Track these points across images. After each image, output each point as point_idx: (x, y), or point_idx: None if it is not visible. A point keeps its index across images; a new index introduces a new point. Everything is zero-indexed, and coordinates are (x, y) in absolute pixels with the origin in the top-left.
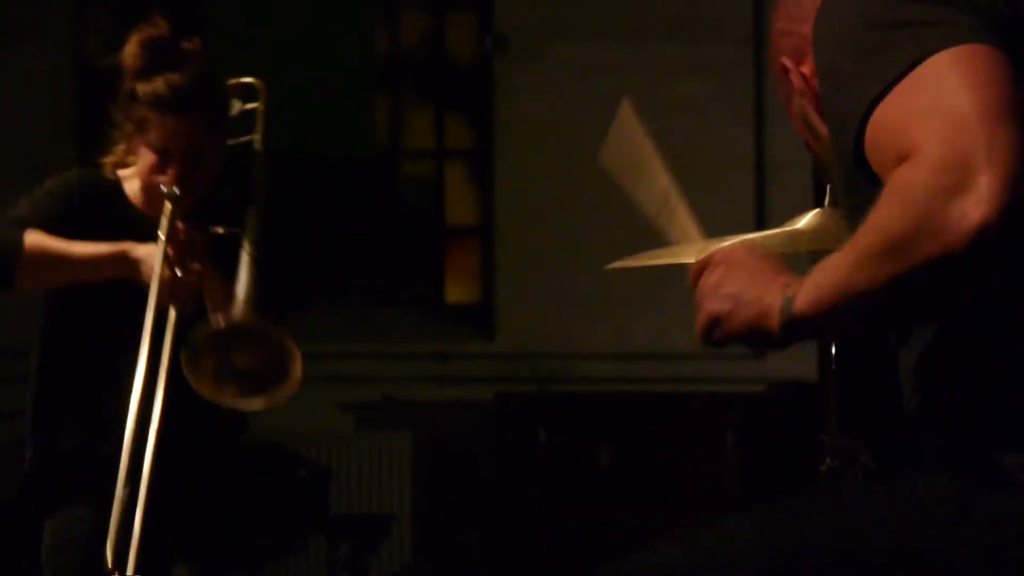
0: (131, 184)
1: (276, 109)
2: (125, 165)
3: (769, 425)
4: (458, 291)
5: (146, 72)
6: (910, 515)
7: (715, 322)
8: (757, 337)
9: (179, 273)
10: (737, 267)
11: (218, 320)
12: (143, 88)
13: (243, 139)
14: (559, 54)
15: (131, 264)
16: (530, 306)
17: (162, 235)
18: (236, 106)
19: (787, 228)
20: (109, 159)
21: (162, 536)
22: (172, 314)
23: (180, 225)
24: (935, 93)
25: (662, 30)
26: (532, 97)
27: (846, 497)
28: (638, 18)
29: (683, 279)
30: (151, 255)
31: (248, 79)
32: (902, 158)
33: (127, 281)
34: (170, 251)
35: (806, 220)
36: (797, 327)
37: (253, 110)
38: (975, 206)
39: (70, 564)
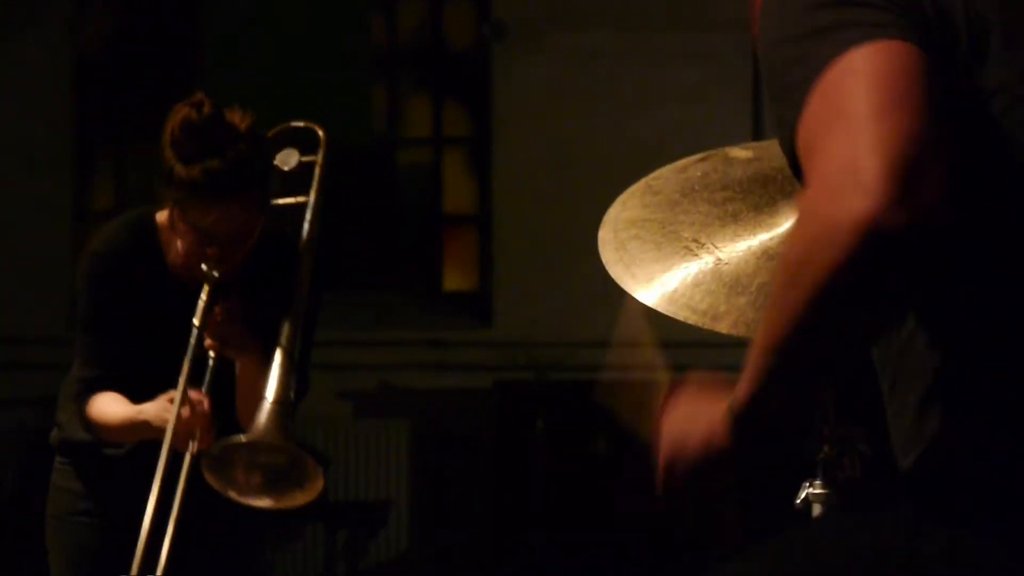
0: (172, 244)
1: (274, 95)
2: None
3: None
4: (456, 279)
5: (187, 157)
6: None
7: (670, 463)
8: (713, 457)
9: (210, 345)
10: (681, 410)
11: (239, 436)
12: (181, 172)
13: (296, 200)
14: (557, 41)
15: (147, 428)
16: (528, 294)
17: (197, 321)
18: (294, 159)
19: (763, 240)
20: (162, 216)
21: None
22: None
23: (217, 309)
24: (834, 98)
25: (660, 17)
26: (530, 85)
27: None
28: (636, 5)
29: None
30: (154, 411)
31: (305, 123)
32: (808, 182)
33: (176, 315)
34: (207, 337)
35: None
36: (746, 424)
37: (312, 163)
38: (860, 198)
39: (67, 536)
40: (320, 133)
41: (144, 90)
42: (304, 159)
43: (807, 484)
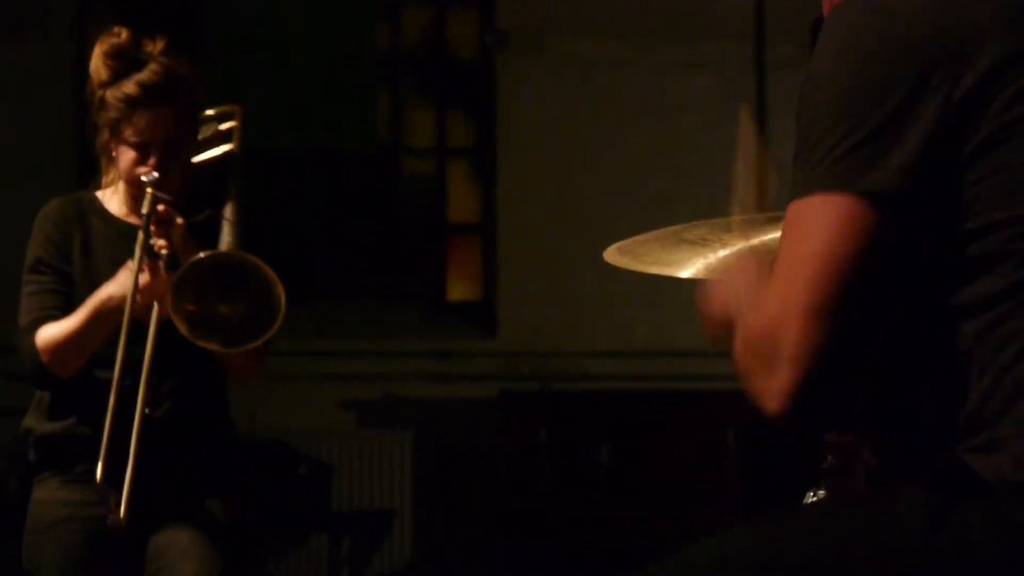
0: (112, 200)
1: (277, 105)
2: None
3: (770, 423)
4: (459, 289)
5: (114, 79)
6: (884, 529)
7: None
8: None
9: (161, 245)
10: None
11: (201, 253)
12: (113, 94)
13: (222, 152)
14: (560, 51)
15: (109, 301)
16: (532, 304)
17: (144, 211)
18: (212, 127)
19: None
20: (104, 178)
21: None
22: (155, 311)
23: (161, 207)
24: (797, 246)
25: (663, 27)
26: (533, 94)
27: (828, 518)
28: (639, 15)
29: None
30: (119, 283)
31: (224, 107)
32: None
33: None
34: (152, 230)
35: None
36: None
37: (231, 129)
38: (771, 398)
39: (51, 545)
40: (235, 110)
41: None
42: (222, 128)
43: (811, 493)
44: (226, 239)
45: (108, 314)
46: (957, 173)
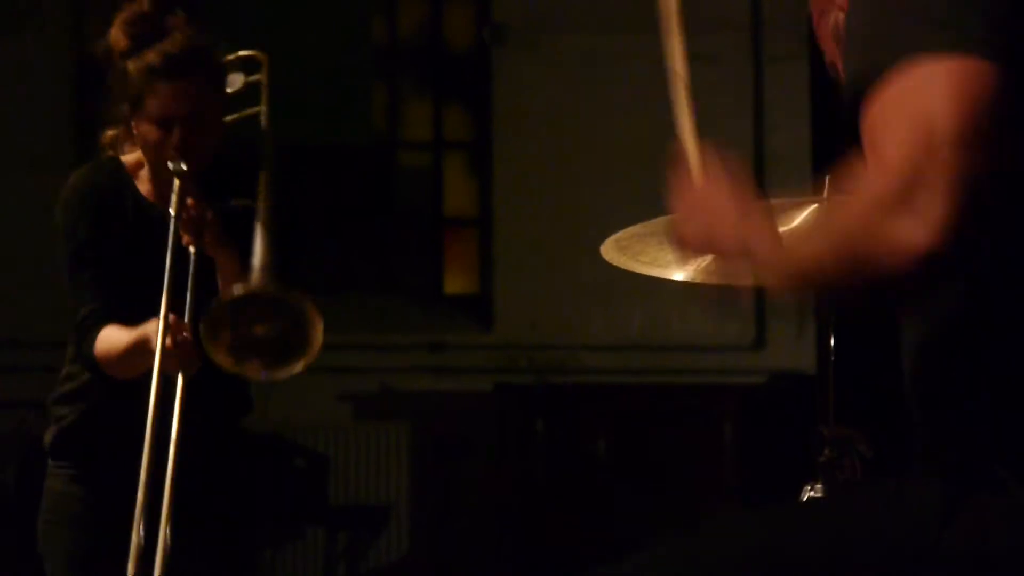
0: (139, 173)
1: (273, 97)
2: (121, 148)
3: (767, 416)
4: (456, 282)
5: (135, 50)
6: (896, 520)
7: (690, 242)
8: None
9: (188, 241)
10: (714, 199)
11: (234, 289)
12: (135, 64)
13: (247, 112)
14: (557, 44)
15: (148, 345)
16: (528, 297)
17: (172, 212)
18: (239, 80)
19: (782, 230)
20: (107, 140)
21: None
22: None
23: (190, 201)
24: (919, 101)
25: (660, 19)
26: (531, 87)
27: (834, 503)
28: (636, 8)
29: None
30: (152, 329)
31: (250, 52)
32: (873, 159)
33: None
34: (182, 230)
35: (802, 218)
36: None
37: (257, 83)
38: (920, 232)
39: (63, 540)
40: (261, 57)
41: None
42: (249, 79)
43: (808, 487)
44: (258, 252)
45: (148, 355)
46: None
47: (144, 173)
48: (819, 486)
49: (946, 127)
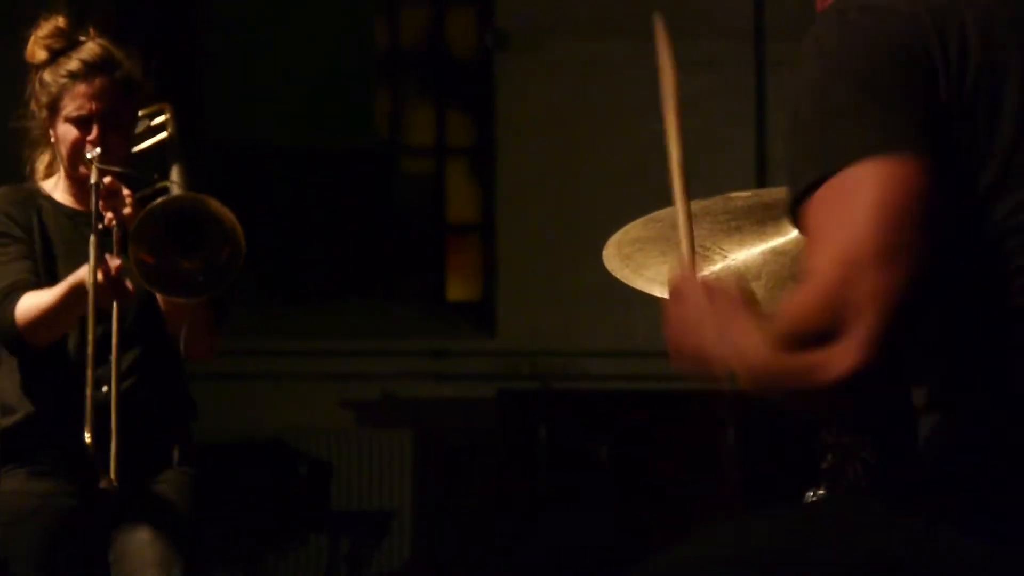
0: (56, 188)
1: (277, 103)
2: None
3: (769, 422)
4: (459, 288)
5: (52, 59)
6: (886, 533)
7: (680, 351)
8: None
9: (110, 219)
10: (694, 306)
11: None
12: (52, 72)
13: (159, 137)
14: (560, 50)
15: (82, 286)
16: (531, 303)
17: (92, 182)
18: (144, 124)
19: (779, 240)
20: (38, 169)
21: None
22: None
23: (107, 179)
24: (846, 209)
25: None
26: (533, 93)
27: (824, 519)
28: (639, 14)
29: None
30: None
31: (153, 107)
32: (806, 270)
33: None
34: (102, 208)
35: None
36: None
37: (164, 122)
38: (849, 355)
39: (24, 536)
40: (166, 108)
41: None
42: (152, 124)
43: (811, 493)
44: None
45: (83, 297)
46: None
47: (61, 184)
48: (821, 492)
49: (869, 240)
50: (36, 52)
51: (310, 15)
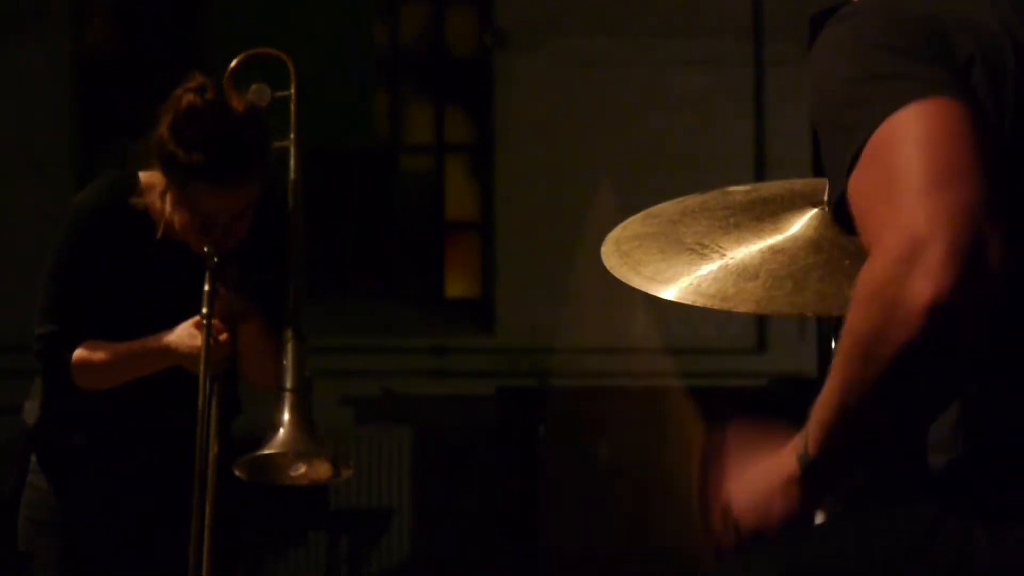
0: (154, 202)
1: (276, 101)
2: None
3: (769, 420)
4: (458, 286)
5: (191, 142)
6: (887, 544)
7: (746, 527)
8: (786, 509)
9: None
10: (743, 474)
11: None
12: (185, 158)
13: (277, 144)
14: (559, 48)
15: (164, 352)
16: (530, 301)
17: (204, 310)
18: (267, 94)
19: (778, 238)
20: (145, 175)
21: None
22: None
23: (222, 291)
24: (889, 163)
25: (662, 24)
26: (532, 91)
27: (826, 531)
28: (637, 12)
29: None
30: (181, 334)
31: (279, 54)
32: (868, 247)
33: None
34: (215, 322)
35: (800, 225)
36: (820, 473)
37: (285, 97)
38: (926, 282)
39: (54, 536)
40: (289, 64)
41: (145, 91)
42: (278, 94)
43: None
44: (290, 351)
45: (159, 363)
46: None
47: (166, 208)
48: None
49: (920, 175)
50: (175, 125)
51: (309, 14)
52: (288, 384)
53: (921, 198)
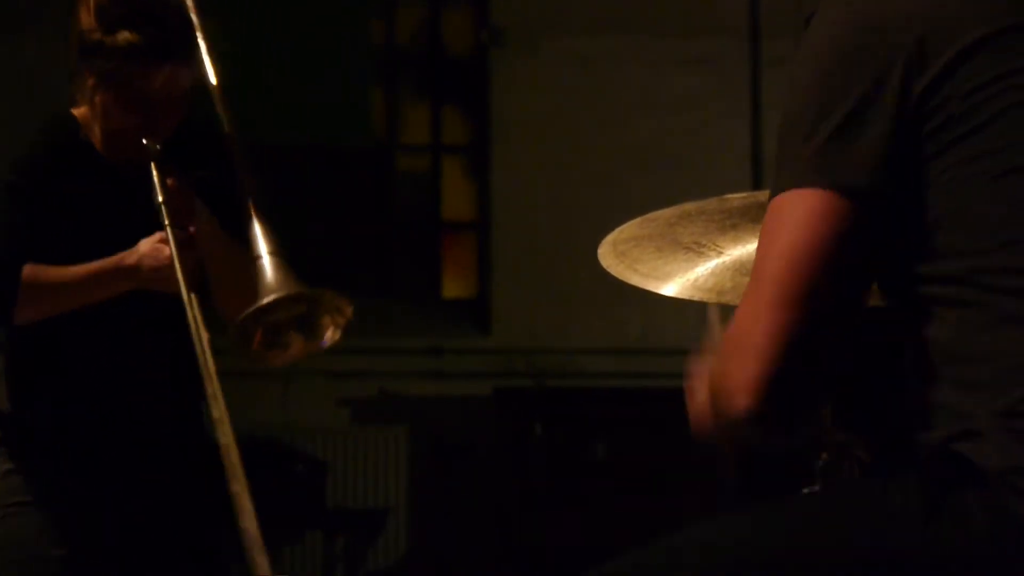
0: (93, 127)
1: (272, 101)
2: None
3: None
4: (454, 286)
5: (115, 24)
6: (883, 525)
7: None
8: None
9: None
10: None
11: (260, 296)
12: (115, 40)
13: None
14: (556, 47)
15: (129, 272)
16: (526, 301)
17: (160, 198)
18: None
19: None
20: (79, 111)
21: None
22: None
23: (170, 182)
24: (765, 246)
25: (658, 23)
26: (529, 91)
27: (820, 511)
28: (634, 11)
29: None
30: (146, 250)
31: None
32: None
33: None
34: (168, 219)
35: None
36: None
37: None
38: (740, 392)
39: (7, 529)
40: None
41: None
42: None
43: (806, 491)
44: (260, 238)
45: (115, 285)
46: (924, 165)
47: (98, 125)
48: (816, 489)
49: (771, 287)
50: (100, 11)
51: (306, 13)
52: (263, 250)
53: (768, 310)
